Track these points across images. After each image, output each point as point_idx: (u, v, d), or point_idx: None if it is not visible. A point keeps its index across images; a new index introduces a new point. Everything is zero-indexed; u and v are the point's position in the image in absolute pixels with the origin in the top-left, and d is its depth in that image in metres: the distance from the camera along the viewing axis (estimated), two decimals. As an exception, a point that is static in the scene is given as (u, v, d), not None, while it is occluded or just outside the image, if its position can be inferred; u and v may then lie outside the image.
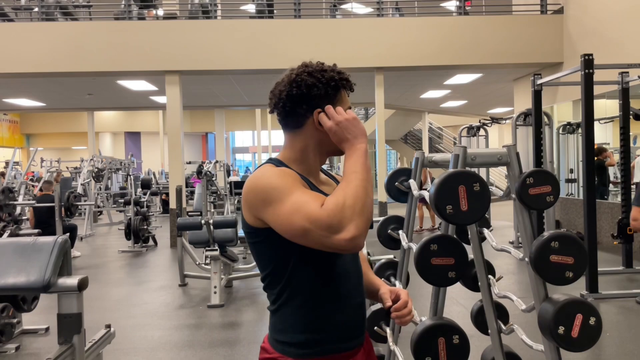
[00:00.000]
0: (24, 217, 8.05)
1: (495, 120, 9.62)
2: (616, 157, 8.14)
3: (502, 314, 2.07)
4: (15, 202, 7.09)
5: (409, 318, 1.32)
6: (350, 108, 1.33)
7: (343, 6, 11.14)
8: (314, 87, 1.27)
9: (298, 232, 1.14)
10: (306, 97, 1.28)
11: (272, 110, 1.34)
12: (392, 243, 2.53)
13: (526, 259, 1.71)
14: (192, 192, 13.79)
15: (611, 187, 8.48)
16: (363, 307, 1.37)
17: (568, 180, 8.95)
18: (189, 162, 13.26)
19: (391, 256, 3.02)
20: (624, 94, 5.70)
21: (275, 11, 9.72)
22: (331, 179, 1.46)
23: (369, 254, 3.90)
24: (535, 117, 6.64)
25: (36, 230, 6.91)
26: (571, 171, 9.00)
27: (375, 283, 1.48)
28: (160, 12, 10.05)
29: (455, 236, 1.95)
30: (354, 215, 1.10)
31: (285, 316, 1.30)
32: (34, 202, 7.80)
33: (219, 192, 13.23)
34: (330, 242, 1.11)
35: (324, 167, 1.53)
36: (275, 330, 1.33)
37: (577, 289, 5.00)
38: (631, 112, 5.97)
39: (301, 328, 1.29)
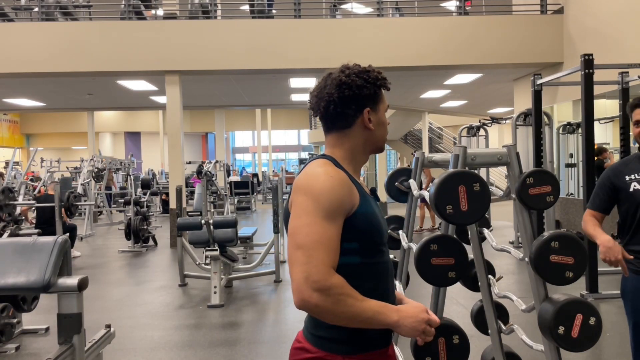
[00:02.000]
0: (23, 217, 8.05)
1: (495, 120, 9.62)
2: (616, 157, 8.14)
3: (502, 314, 2.07)
4: (15, 202, 7.09)
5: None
6: (388, 106, 1.43)
7: (343, 6, 11.13)
8: (364, 88, 1.35)
9: (292, 256, 1.21)
10: (357, 97, 1.34)
11: (318, 113, 1.38)
12: (392, 243, 2.53)
13: (526, 259, 1.71)
14: (192, 192, 13.80)
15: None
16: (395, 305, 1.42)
17: (568, 165, 8.91)
18: (189, 162, 13.27)
19: (391, 256, 3.02)
20: (624, 94, 5.69)
21: (275, 11, 9.72)
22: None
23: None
24: (535, 117, 6.64)
25: (36, 230, 6.91)
26: (571, 155, 8.97)
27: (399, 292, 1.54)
28: (160, 12, 10.05)
29: (455, 236, 1.95)
30: (336, 309, 1.18)
31: None
32: (34, 202, 7.81)
33: (219, 192, 13.24)
34: (300, 288, 1.17)
35: None
36: (318, 326, 1.30)
37: (577, 289, 5.00)
38: (631, 112, 5.96)
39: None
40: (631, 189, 2.30)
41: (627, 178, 2.32)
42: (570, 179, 9.17)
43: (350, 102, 1.34)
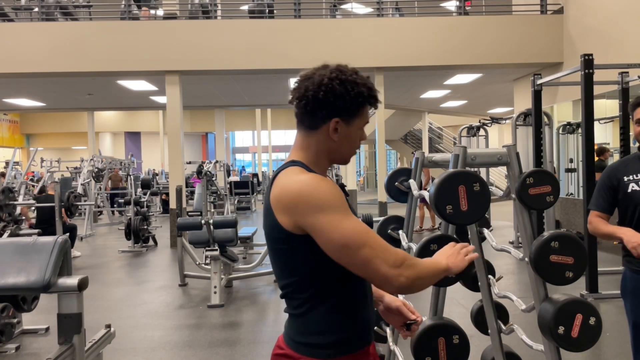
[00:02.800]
0: (23, 217, 8.05)
1: (495, 120, 9.62)
2: (616, 157, 8.14)
3: (502, 314, 2.07)
4: (15, 202, 7.08)
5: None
6: (367, 123, 1.36)
7: (343, 6, 11.13)
8: (340, 99, 1.27)
9: (360, 258, 1.21)
10: (330, 104, 1.28)
11: (292, 102, 1.34)
12: (392, 243, 2.53)
13: (526, 259, 1.71)
14: (192, 192, 13.80)
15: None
16: (372, 304, 1.44)
17: (568, 170, 8.92)
18: (189, 162, 13.26)
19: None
20: (624, 94, 5.69)
21: (275, 11, 9.72)
22: None
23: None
24: (535, 117, 6.64)
25: (36, 230, 6.91)
26: (571, 160, 8.98)
27: (377, 289, 1.51)
28: (160, 12, 10.05)
29: (455, 236, 1.95)
30: (420, 272, 1.27)
31: (316, 319, 1.29)
32: (34, 202, 7.80)
33: (219, 192, 13.24)
34: (389, 277, 1.22)
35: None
36: (301, 333, 1.31)
37: (577, 289, 5.00)
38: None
39: (334, 329, 1.29)
40: (629, 190, 2.29)
41: (626, 178, 2.31)
42: (571, 184, 9.17)
43: (321, 105, 1.28)
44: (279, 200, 1.25)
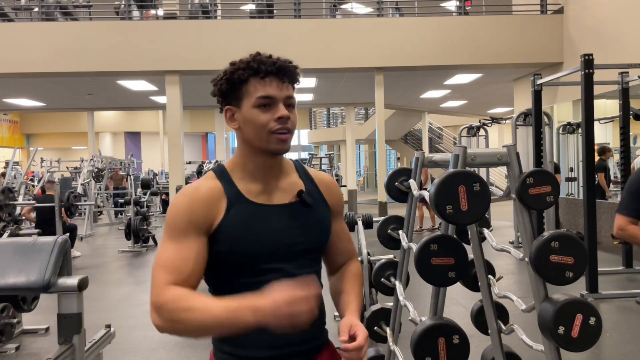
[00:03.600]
0: (23, 217, 8.05)
1: (495, 120, 9.62)
2: (616, 157, 8.15)
3: (502, 314, 2.07)
4: (15, 202, 7.09)
5: None
6: (266, 98, 1.18)
7: (343, 6, 11.13)
8: (219, 84, 1.23)
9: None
10: (218, 95, 1.25)
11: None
12: (392, 243, 2.53)
13: (526, 259, 1.71)
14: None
15: (611, 187, 8.48)
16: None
17: (568, 179, 8.95)
18: (189, 162, 13.26)
19: (391, 256, 3.02)
20: (624, 94, 5.70)
21: (275, 11, 9.72)
22: (304, 180, 1.33)
23: (369, 253, 3.90)
24: (535, 117, 6.64)
25: (36, 230, 6.91)
26: (571, 170, 9.00)
27: (345, 309, 1.33)
28: (160, 12, 10.06)
29: (455, 236, 1.95)
30: (175, 326, 1.10)
31: None
32: (34, 202, 7.80)
33: (219, 192, 13.22)
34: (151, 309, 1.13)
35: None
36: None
37: (577, 289, 5.00)
38: (631, 112, 5.97)
39: (226, 338, 1.27)
40: None
41: None
42: (571, 189, 9.18)
43: (217, 100, 1.26)
44: None
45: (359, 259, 3.90)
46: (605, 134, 8.95)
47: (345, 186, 13.36)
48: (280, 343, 1.21)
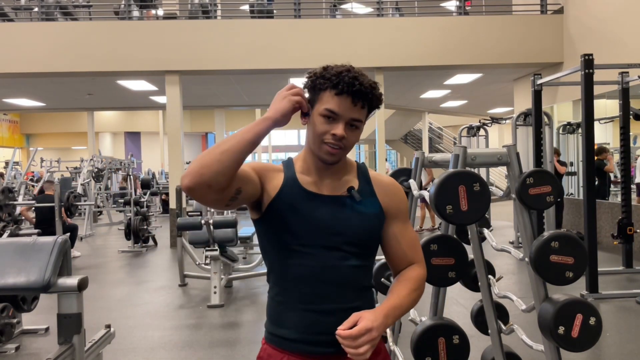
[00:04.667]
0: (23, 217, 8.05)
1: (495, 120, 9.62)
2: (616, 157, 8.15)
3: (502, 314, 2.07)
4: (15, 202, 7.09)
5: (353, 352, 1.17)
6: (331, 113, 1.26)
7: (343, 6, 11.13)
8: (308, 80, 1.32)
9: None
10: (308, 92, 1.33)
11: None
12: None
13: (526, 259, 1.71)
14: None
15: (611, 187, 8.48)
16: (335, 315, 1.28)
17: (567, 174, 8.95)
18: (189, 162, 13.25)
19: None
20: (624, 94, 5.70)
21: (275, 11, 9.72)
22: (360, 179, 1.39)
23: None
24: (535, 117, 6.64)
25: (36, 230, 6.91)
26: (571, 164, 8.99)
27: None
28: (160, 12, 10.05)
29: (455, 236, 1.95)
30: (199, 161, 1.16)
31: (267, 302, 1.41)
32: (33, 202, 7.80)
33: (219, 192, 13.22)
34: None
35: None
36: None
37: (577, 289, 5.00)
38: (631, 112, 5.96)
39: (271, 318, 1.39)
40: None
41: None
42: (571, 187, 9.18)
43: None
44: None
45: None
46: (605, 134, 8.95)
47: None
48: (316, 330, 1.31)
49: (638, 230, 5.87)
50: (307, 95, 1.31)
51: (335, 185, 1.35)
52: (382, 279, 2.56)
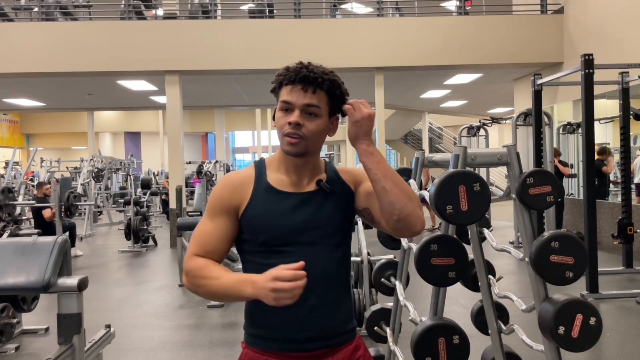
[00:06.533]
0: (23, 217, 8.04)
1: (496, 120, 9.62)
2: (616, 157, 8.14)
3: (502, 314, 2.07)
4: (15, 202, 7.08)
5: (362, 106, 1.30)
6: (286, 103, 1.30)
7: (343, 6, 11.13)
8: (272, 91, 1.38)
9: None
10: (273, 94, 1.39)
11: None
12: (392, 243, 2.53)
13: (526, 259, 1.71)
14: (192, 192, 13.80)
15: (611, 187, 8.48)
16: (320, 309, 1.33)
17: (568, 176, 8.95)
18: (189, 162, 13.25)
19: (391, 256, 3.02)
20: (624, 94, 5.69)
21: (275, 11, 9.72)
22: (328, 173, 1.42)
23: (369, 253, 3.90)
24: (536, 117, 6.64)
25: (36, 230, 6.90)
26: (571, 166, 9.00)
27: None
28: (160, 12, 10.05)
29: (455, 236, 1.95)
30: (196, 289, 1.32)
31: (245, 305, 1.41)
32: (33, 202, 7.80)
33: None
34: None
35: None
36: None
37: (578, 289, 5.00)
38: (631, 112, 5.96)
39: (250, 319, 1.39)
40: None
41: None
42: (571, 187, 9.17)
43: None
44: None
45: (359, 258, 3.90)
46: (606, 134, 8.95)
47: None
48: (301, 327, 1.32)
49: (638, 230, 5.87)
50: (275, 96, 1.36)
51: (310, 182, 1.38)
52: (383, 279, 2.56)
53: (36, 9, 9.23)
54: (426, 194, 1.84)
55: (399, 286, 2.41)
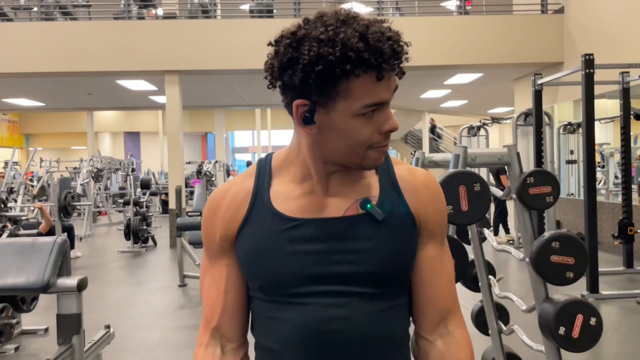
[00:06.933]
0: (32, 219, 7.99)
1: (496, 120, 9.62)
2: (617, 157, 8.14)
3: (502, 314, 2.06)
4: (7, 214, 6.99)
5: None
6: (376, 106, 0.82)
7: (343, 6, 11.12)
8: (289, 69, 0.81)
9: None
10: (283, 79, 0.83)
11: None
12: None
13: (526, 259, 1.71)
14: (192, 192, 13.81)
15: (612, 187, 8.48)
16: None
17: (568, 162, 8.94)
18: (189, 162, 13.26)
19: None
20: (625, 94, 5.69)
21: (275, 11, 9.72)
22: (382, 178, 0.92)
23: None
24: (536, 117, 6.63)
25: (35, 231, 6.89)
26: (571, 152, 8.98)
27: None
28: (160, 12, 10.05)
29: (455, 236, 1.95)
30: None
31: None
32: (25, 216, 7.74)
33: (218, 192, 13.21)
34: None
35: None
36: None
37: (578, 289, 4.99)
38: (632, 112, 5.96)
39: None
40: None
41: None
42: (571, 175, 9.17)
43: (273, 81, 0.86)
44: None
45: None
46: (606, 134, 8.94)
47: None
48: None
49: (639, 231, 5.87)
50: (298, 88, 0.82)
51: (345, 193, 0.90)
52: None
53: (35, 9, 9.22)
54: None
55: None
